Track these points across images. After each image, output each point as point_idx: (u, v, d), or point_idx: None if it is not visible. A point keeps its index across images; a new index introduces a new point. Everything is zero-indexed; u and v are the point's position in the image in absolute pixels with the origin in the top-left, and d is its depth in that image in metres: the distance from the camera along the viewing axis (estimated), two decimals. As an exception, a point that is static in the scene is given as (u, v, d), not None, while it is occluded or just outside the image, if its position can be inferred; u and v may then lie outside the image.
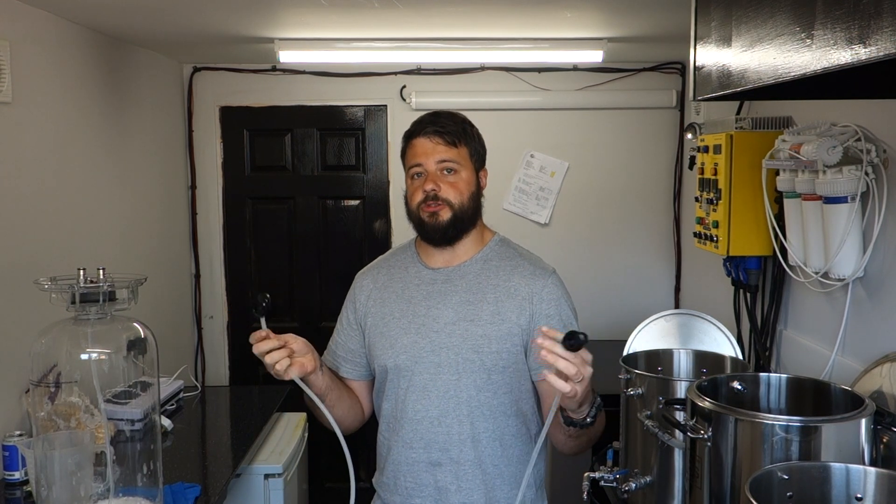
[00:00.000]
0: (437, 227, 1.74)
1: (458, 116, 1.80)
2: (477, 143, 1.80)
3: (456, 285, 1.76)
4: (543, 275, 1.76)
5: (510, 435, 1.74)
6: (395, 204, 3.86)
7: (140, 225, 3.24)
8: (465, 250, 1.80)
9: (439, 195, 1.72)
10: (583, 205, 3.84)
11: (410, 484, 1.75)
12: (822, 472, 1.33)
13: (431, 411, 1.72)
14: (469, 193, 1.75)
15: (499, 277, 1.76)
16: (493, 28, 2.87)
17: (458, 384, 1.71)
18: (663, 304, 3.77)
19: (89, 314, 1.75)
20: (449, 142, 1.73)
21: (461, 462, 1.72)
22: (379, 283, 1.85)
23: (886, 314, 1.91)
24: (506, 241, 1.86)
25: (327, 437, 4.27)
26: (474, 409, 1.71)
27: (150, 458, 1.86)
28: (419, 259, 1.83)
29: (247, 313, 3.95)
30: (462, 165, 1.74)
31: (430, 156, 1.73)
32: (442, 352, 1.72)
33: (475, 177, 1.78)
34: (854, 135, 1.89)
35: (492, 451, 1.73)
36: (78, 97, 2.74)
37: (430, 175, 1.73)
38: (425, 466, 1.74)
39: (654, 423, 1.84)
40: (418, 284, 1.79)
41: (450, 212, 1.73)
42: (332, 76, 3.76)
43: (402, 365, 1.75)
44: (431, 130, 1.74)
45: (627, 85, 3.77)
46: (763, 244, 2.37)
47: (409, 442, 1.74)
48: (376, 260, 1.94)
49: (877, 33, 0.88)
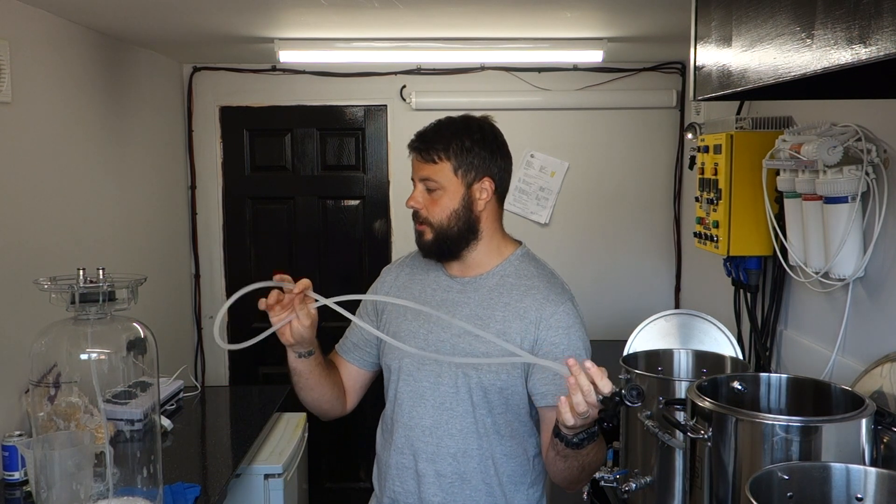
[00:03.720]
0: (423, 246, 1.74)
1: (454, 126, 1.73)
2: (471, 155, 1.70)
3: (469, 297, 1.73)
4: (557, 301, 1.69)
5: (501, 454, 1.71)
6: (395, 204, 3.85)
7: (140, 225, 3.24)
8: (480, 262, 1.75)
9: (420, 214, 1.71)
10: (583, 205, 3.84)
11: (398, 489, 1.74)
12: (822, 473, 1.33)
13: (425, 420, 1.70)
14: (450, 212, 1.69)
15: (511, 296, 1.71)
16: (493, 28, 2.87)
17: (456, 397, 1.69)
18: (663, 304, 3.77)
19: (89, 314, 1.75)
20: (426, 159, 1.70)
21: (447, 475, 1.69)
22: (400, 281, 1.83)
23: (887, 314, 1.91)
24: (528, 257, 1.79)
25: (327, 437, 4.26)
26: (467, 425, 1.68)
27: (149, 458, 1.86)
28: (441, 264, 1.80)
29: (247, 313, 3.94)
30: (441, 183, 1.69)
31: (416, 172, 1.73)
32: (444, 363, 1.70)
33: (464, 191, 1.70)
34: (854, 135, 1.89)
35: (482, 469, 1.70)
36: (78, 97, 2.74)
37: (414, 192, 1.73)
38: (412, 474, 1.72)
39: (654, 424, 1.84)
40: (435, 290, 1.77)
41: (431, 232, 1.71)
42: (332, 76, 3.76)
43: (405, 367, 1.74)
44: (414, 146, 1.73)
45: (627, 85, 3.77)
46: (763, 244, 2.37)
47: (400, 447, 1.73)
48: (404, 257, 1.92)
49: (877, 33, 0.88)
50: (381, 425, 1.84)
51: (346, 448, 3.96)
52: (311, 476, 3.44)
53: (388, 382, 1.79)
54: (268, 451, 2.84)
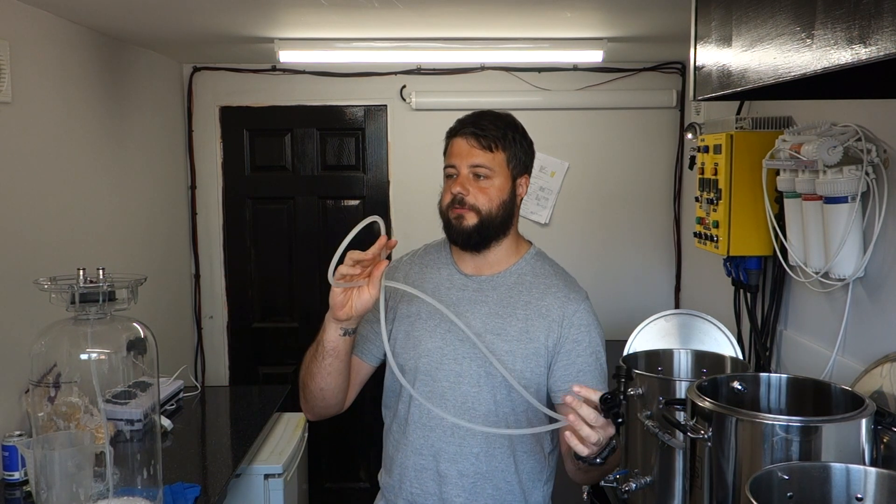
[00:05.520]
0: (462, 232, 1.69)
1: (504, 119, 1.74)
2: (519, 149, 1.72)
3: (487, 296, 1.72)
4: (577, 299, 1.72)
5: (523, 451, 1.72)
6: (395, 204, 3.85)
7: (140, 225, 3.24)
8: (498, 260, 1.75)
9: (466, 200, 1.68)
10: (583, 205, 3.84)
11: (416, 490, 1.72)
12: (822, 473, 1.33)
13: (446, 420, 1.67)
14: (500, 201, 1.69)
15: (531, 294, 1.72)
16: (493, 28, 2.87)
17: (478, 397, 1.68)
18: (663, 304, 3.77)
19: (89, 314, 1.75)
20: (485, 146, 1.68)
21: (469, 475, 1.69)
22: (411, 278, 1.79)
23: (887, 314, 1.91)
24: (541, 256, 1.81)
25: (327, 437, 4.26)
26: (490, 423, 1.67)
27: (149, 458, 1.86)
28: (453, 262, 1.78)
29: (246, 314, 3.96)
30: (495, 172, 1.68)
31: (465, 158, 1.69)
32: (465, 361, 1.69)
33: (511, 184, 1.71)
34: (854, 135, 1.88)
35: (504, 467, 1.70)
36: (78, 97, 2.74)
37: (460, 178, 1.69)
38: (433, 475, 1.70)
39: (654, 424, 1.84)
40: (449, 288, 1.75)
41: (476, 218, 1.68)
42: (332, 76, 3.76)
43: (422, 367, 1.71)
44: (469, 132, 1.69)
45: (627, 85, 3.77)
46: (763, 244, 2.37)
47: (419, 448, 1.71)
48: (408, 254, 1.88)
49: (877, 33, 0.88)
50: (393, 426, 1.79)
51: (345, 448, 3.96)
52: (311, 476, 3.45)
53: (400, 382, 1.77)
54: (268, 451, 2.84)
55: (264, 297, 3.94)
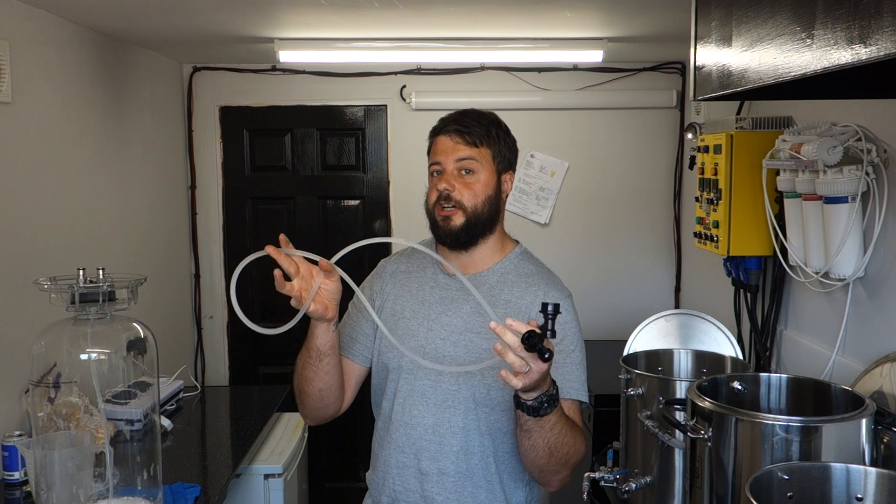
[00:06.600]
0: (450, 232, 1.71)
1: (488, 117, 1.76)
2: (503, 146, 1.74)
3: (470, 294, 1.72)
4: (557, 297, 1.72)
5: (504, 451, 1.72)
6: (395, 204, 3.85)
7: (140, 225, 3.24)
8: (483, 258, 1.76)
9: (452, 196, 1.69)
10: (583, 205, 3.84)
11: (399, 488, 1.74)
12: (822, 473, 1.33)
13: (427, 418, 1.70)
14: (485, 196, 1.70)
15: (512, 293, 1.73)
16: (493, 28, 2.87)
17: (457, 395, 1.70)
18: (663, 304, 3.77)
19: (89, 314, 1.75)
20: (469, 141, 1.70)
21: (450, 474, 1.70)
22: (397, 277, 1.82)
23: (887, 314, 1.91)
24: (526, 255, 1.82)
25: (327, 437, 4.25)
26: (470, 422, 1.69)
27: (149, 458, 1.86)
28: (437, 263, 1.79)
29: (246, 313, 3.94)
30: (481, 166, 1.70)
31: (450, 154, 1.70)
32: (445, 360, 1.70)
33: (496, 180, 1.73)
34: (854, 135, 1.89)
35: (484, 466, 1.71)
36: (78, 97, 2.74)
37: (446, 174, 1.70)
38: (414, 473, 1.72)
39: (654, 423, 1.84)
40: (433, 287, 1.77)
41: (462, 217, 1.69)
42: (332, 76, 3.76)
43: (405, 367, 1.73)
44: (453, 129, 1.71)
45: (627, 85, 3.77)
46: (763, 244, 2.37)
47: (402, 446, 1.73)
48: (398, 252, 1.91)
49: (877, 33, 0.88)
50: (378, 424, 1.83)
51: (345, 448, 3.96)
52: (310, 476, 3.44)
53: (386, 381, 1.78)
54: (268, 451, 2.84)
55: (264, 297, 3.94)
